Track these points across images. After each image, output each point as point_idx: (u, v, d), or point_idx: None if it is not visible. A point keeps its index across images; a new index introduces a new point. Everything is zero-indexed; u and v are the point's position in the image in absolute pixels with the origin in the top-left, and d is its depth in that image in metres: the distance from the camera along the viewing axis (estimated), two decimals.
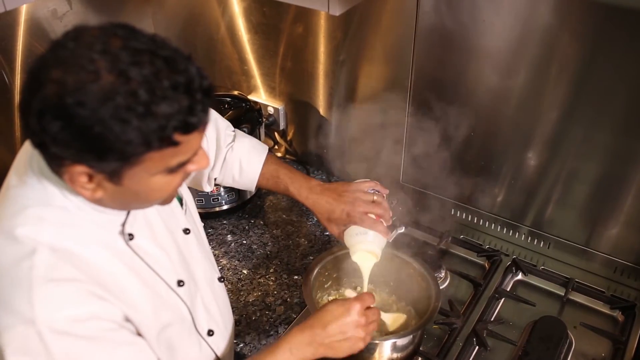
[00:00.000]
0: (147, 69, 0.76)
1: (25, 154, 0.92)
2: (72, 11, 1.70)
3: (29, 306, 0.82)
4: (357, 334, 1.11)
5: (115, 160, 0.79)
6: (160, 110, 0.76)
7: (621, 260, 1.56)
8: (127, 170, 0.81)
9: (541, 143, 1.50)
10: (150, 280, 0.99)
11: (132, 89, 0.75)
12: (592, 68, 1.34)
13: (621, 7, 1.23)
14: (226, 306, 1.24)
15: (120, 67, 0.75)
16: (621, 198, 1.47)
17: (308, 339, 1.08)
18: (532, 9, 1.33)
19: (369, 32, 1.60)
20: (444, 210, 1.77)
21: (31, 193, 0.88)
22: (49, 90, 0.75)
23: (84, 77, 0.75)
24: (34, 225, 0.86)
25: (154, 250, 1.00)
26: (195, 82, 0.80)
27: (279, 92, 1.92)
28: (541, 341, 1.42)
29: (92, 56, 0.75)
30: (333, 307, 1.11)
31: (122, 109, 0.75)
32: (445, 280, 1.61)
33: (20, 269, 0.83)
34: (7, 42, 1.58)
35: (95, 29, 0.79)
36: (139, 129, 0.76)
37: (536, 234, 1.66)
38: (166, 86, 0.77)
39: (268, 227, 1.78)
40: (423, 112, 1.64)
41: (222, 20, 1.86)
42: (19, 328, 0.82)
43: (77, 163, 0.80)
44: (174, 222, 1.08)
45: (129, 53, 0.76)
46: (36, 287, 0.83)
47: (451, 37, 1.47)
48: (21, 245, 0.85)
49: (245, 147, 1.35)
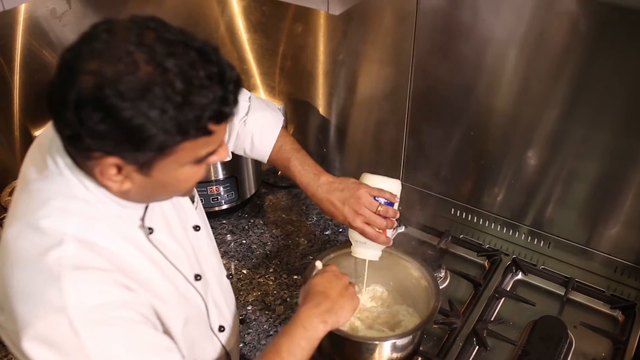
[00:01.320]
0: (182, 60, 0.78)
1: (41, 148, 0.92)
2: (71, 10, 1.70)
3: (59, 295, 0.82)
4: (350, 289, 1.20)
5: (152, 150, 0.80)
6: (197, 100, 0.78)
7: (621, 259, 1.56)
8: (159, 161, 0.83)
9: (541, 142, 1.50)
10: (171, 274, 1.00)
11: (170, 79, 0.76)
12: (592, 67, 1.34)
13: (621, 6, 1.23)
14: (233, 303, 1.26)
15: (157, 59, 0.76)
16: (621, 197, 1.47)
17: (316, 311, 1.12)
18: (532, 9, 1.33)
19: (368, 31, 1.60)
20: (443, 210, 1.77)
21: (53, 186, 0.88)
22: (86, 82, 0.76)
23: (122, 68, 0.75)
24: (59, 217, 0.86)
25: (172, 244, 1.01)
26: (227, 72, 0.82)
27: (279, 91, 1.92)
28: (541, 341, 1.42)
29: (129, 48, 0.76)
30: (318, 278, 1.20)
31: (160, 99, 0.76)
32: (445, 279, 1.61)
33: (49, 259, 0.83)
34: (6, 41, 1.57)
35: (127, 22, 0.80)
36: (176, 119, 0.78)
37: (536, 234, 1.65)
38: (202, 76, 0.78)
39: (268, 227, 1.78)
40: (423, 112, 1.64)
41: (222, 20, 1.86)
42: (51, 316, 0.82)
43: (111, 155, 0.81)
44: (184, 218, 1.09)
45: (163, 45, 0.78)
46: (66, 276, 0.83)
47: (451, 37, 1.46)
48: (47, 236, 0.85)
49: (257, 123, 1.33)
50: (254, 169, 1.85)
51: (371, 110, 1.75)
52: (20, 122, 1.66)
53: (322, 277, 1.20)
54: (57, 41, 1.69)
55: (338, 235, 1.74)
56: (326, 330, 1.12)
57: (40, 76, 1.68)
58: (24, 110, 1.66)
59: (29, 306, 0.83)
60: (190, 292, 1.05)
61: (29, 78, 1.65)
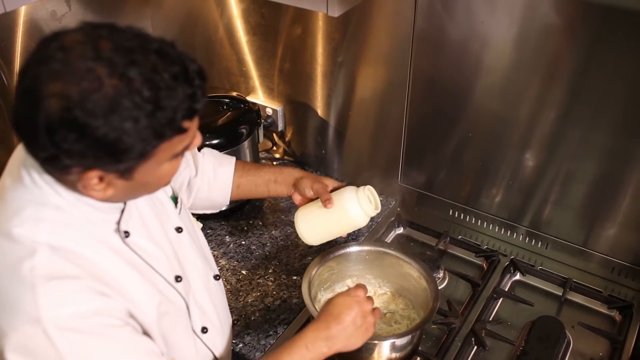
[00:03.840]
0: (144, 66, 0.77)
1: (18, 156, 0.93)
2: (70, 12, 1.70)
3: (34, 306, 0.82)
4: (368, 320, 1.14)
5: (132, 159, 0.81)
6: (167, 104, 0.79)
7: (619, 260, 1.57)
8: (140, 166, 0.83)
9: (539, 144, 1.51)
10: (149, 275, 1.00)
11: (136, 88, 0.76)
12: (590, 69, 1.34)
13: (619, 7, 1.24)
14: (222, 304, 1.24)
15: (119, 70, 0.76)
16: (618, 198, 1.48)
17: (324, 334, 1.10)
18: (530, 10, 1.34)
19: (367, 33, 1.61)
20: (442, 211, 1.78)
21: (26, 194, 0.88)
22: (52, 105, 0.75)
23: (87, 86, 0.75)
24: (32, 225, 0.86)
25: (150, 247, 1.01)
26: (190, 68, 0.82)
27: (278, 93, 1.92)
28: (539, 341, 1.42)
29: (88, 64, 0.76)
30: (340, 299, 1.14)
31: (131, 110, 0.76)
32: (444, 280, 1.62)
33: (22, 270, 0.84)
34: (5, 43, 1.58)
35: (78, 34, 0.79)
36: (150, 126, 0.78)
37: (534, 235, 1.66)
38: (167, 78, 0.79)
39: (267, 228, 1.78)
40: (421, 113, 1.65)
41: (221, 22, 1.86)
42: (26, 327, 0.82)
43: (91, 169, 0.81)
44: (166, 220, 1.09)
45: (121, 53, 0.77)
46: (39, 287, 0.83)
47: (449, 39, 1.47)
48: (20, 245, 0.85)
49: (212, 155, 1.35)
50: None
51: (369, 112, 1.75)
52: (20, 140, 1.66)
53: (344, 300, 1.14)
54: None
55: None
56: (328, 354, 1.11)
57: None
58: None
59: (5, 317, 0.84)
60: (171, 293, 1.05)
61: None
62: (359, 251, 1.48)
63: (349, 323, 1.11)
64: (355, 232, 1.74)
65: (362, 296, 1.15)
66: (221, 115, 1.76)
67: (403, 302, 1.49)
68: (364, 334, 1.14)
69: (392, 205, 1.85)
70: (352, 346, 1.13)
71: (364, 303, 1.14)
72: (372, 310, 1.16)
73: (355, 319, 1.12)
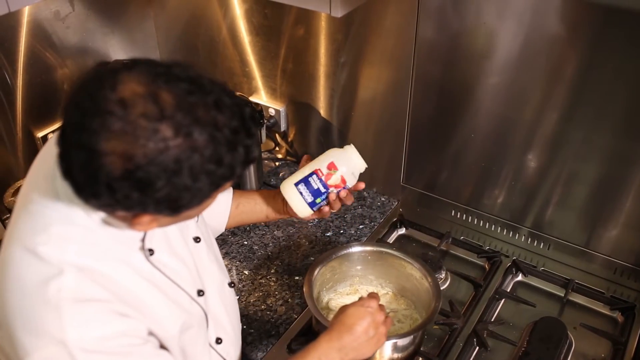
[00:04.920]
0: (207, 124, 0.77)
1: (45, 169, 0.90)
2: (74, 13, 1.71)
3: (60, 327, 0.82)
4: (380, 331, 1.16)
5: (189, 209, 0.83)
6: (228, 160, 0.79)
7: (621, 261, 1.57)
8: (191, 208, 0.84)
9: (541, 145, 1.51)
10: (172, 293, 0.99)
11: (200, 148, 0.76)
12: (592, 70, 1.34)
13: (621, 8, 1.24)
14: (235, 313, 1.23)
15: (183, 130, 0.75)
16: (621, 199, 1.48)
17: (337, 345, 1.11)
18: (533, 11, 1.34)
19: (370, 34, 1.61)
20: (444, 212, 1.78)
21: (55, 212, 0.87)
22: (115, 163, 0.74)
23: (152, 147, 0.74)
24: (58, 244, 0.86)
25: (174, 263, 1.00)
26: (246, 116, 0.82)
27: (280, 93, 1.92)
28: (541, 342, 1.42)
29: (153, 125, 0.74)
30: (353, 309, 1.16)
31: (194, 170, 0.77)
32: (446, 281, 1.62)
33: (49, 290, 0.83)
34: (9, 43, 1.58)
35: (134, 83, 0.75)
36: (211, 182, 0.80)
37: (536, 236, 1.66)
38: (227, 134, 0.78)
39: (269, 228, 1.78)
40: (424, 114, 1.65)
41: (224, 22, 1.87)
42: (51, 349, 0.82)
43: (146, 213, 0.82)
44: (185, 231, 1.08)
45: (185, 112, 0.75)
46: (65, 309, 0.83)
47: (452, 39, 1.47)
48: (47, 265, 0.84)
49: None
50: (255, 171, 1.86)
51: (372, 113, 1.75)
52: (23, 124, 1.67)
53: (357, 310, 1.16)
54: (60, 43, 1.70)
55: (339, 236, 1.75)
56: None
57: (44, 78, 1.69)
58: (27, 112, 1.67)
59: (29, 336, 0.84)
60: (194, 308, 1.04)
61: (32, 80, 1.65)
62: (361, 251, 1.48)
63: (362, 333, 1.13)
64: (357, 233, 1.74)
65: (374, 307, 1.17)
66: None
67: (405, 302, 1.49)
68: (376, 344, 1.16)
69: (395, 205, 1.85)
70: (363, 356, 1.14)
71: (376, 314, 1.16)
72: (384, 320, 1.17)
73: (367, 329, 1.13)
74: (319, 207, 1.24)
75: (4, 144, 1.65)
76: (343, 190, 1.22)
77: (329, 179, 1.21)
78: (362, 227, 1.78)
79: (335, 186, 1.21)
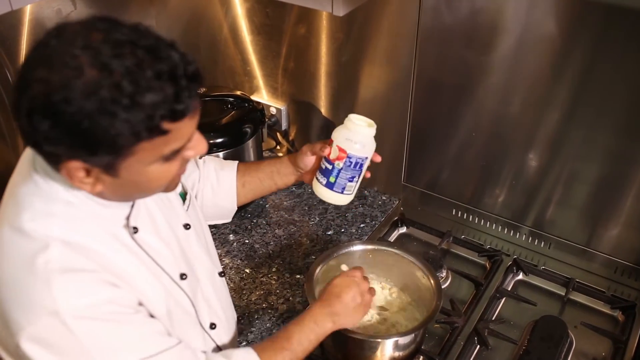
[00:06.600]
0: (129, 60, 0.76)
1: (28, 156, 0.94)
2: (76, 11, 1.71)
3: (51, 298, 0.84)
4: (366, 298, 1.24)
5: (107, 153, 0.80)
6: (145, 101, 0.77)
7: (621, 260, 1.57)
8: (121, 162, 0.82)
9: (542, 144, 1.51)
10: (155, 272, 1.01)
11: (116, 81, 0.75)
12: (593, 69, 1.35)
13: (621, 7, 1.24)
14: (227, 301, 1.26)
15: (102, 61, 0.76)
16: (622, 199, 1.48)
17: (328, 311, 1.19)
18: (533, 10, 1.34)
19: (371, 33, 1.61)
20: (445, 211, 1.78)
21: (36, 189, 0.89)
22: (35, 89, 0.76)
23: (68, 73, 0.75)
24: (43, 220, 0.87)
25: (157, 243, 1.01)
26: (179, 68, 0.80)
27: (281, 92, 1.93)
28: (542, 340, 1.42)
29: (74, 52, 0.76)
30: (339, 280, 1.24)
31: (107, 102, 0.76)
32: (447, 279, 1.62)
33: (37, 264, 0.85)
34: (11, 42, 1.58)
35: (76, 24, 0.80)
36: (126, 121, 0.77)
37: (537, 234, 1.66)
38: (149, 76, 0.77)
39: (270, 227, 1.79)
40: (425, 113, 1.65)
41: (225, 21, 1.87)
42: (44, 320, 0.84)
43: (72, 159, 0.81)
44: (174, 217, 1.10)
45: (110, 46, 0.77)
46: (54, 280, 0.84)
47: (453, 39, 1.48)
48: (33, 240, 0.86)
49: (213, 161, 1.32)
50: None
51: (373, 112, 1.75)
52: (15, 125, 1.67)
53: (342, 280, 1.24)
54: None
55: (340, 235, 1.75)
56: (333, 329, 1.20)
57: None
58: None
59: (21, 311, 0.85)
60: (175, 291, 1.05)
61: None
62: (363, 250, 1.48)
63: (350, 300, 1.21)
64: (359, 231, 1.75)
65: (359, 276, 1.26)
66: (225, 115, 1.76)
67: (406, 300, 1.50)
68: (363, 310, 1.24)
69: (396, 204, 1.85)
70: (353, 321, 1.23)
71: (361, 283, 1.24)
72: (368, 289, 1.26)
73: (354, 296, 1.22)
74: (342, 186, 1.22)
75: (5, 142, 1.65)
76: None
77: (331, 154, 1.21)
78: (363, 225, 1.78)
79: (338, 158, 1.20)
